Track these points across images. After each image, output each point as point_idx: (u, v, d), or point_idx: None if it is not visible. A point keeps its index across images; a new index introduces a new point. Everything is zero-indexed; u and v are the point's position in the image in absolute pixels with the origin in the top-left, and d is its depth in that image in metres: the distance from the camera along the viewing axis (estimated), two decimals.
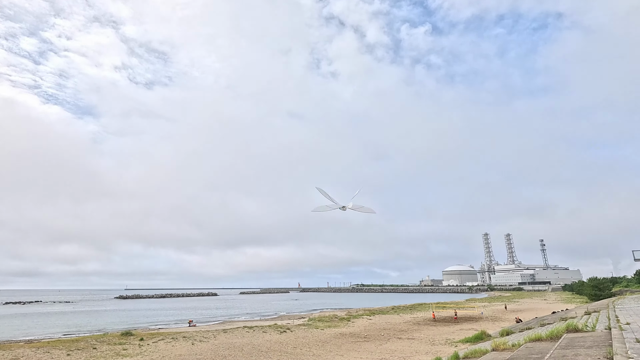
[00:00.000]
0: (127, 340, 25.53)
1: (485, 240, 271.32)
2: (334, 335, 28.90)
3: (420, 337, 28.05)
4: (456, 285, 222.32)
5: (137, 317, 60.83)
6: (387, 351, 21.69)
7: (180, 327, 41.23)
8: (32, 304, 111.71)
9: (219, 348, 22.63)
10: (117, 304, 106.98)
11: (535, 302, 78.76)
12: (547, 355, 8.14)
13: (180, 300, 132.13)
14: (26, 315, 65.96)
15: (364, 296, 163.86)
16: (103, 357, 20.07)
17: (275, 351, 21.82)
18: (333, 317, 43.61)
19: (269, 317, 54.12)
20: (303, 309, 75.14)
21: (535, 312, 49.76)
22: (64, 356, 20.11)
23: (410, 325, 36.54)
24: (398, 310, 55.25)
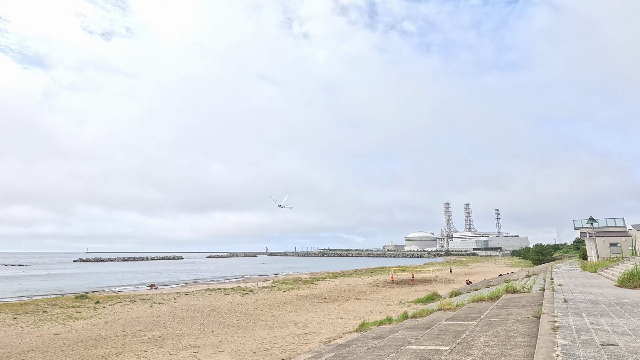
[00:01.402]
0: (82, 303, 24.83)
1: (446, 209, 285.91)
2: (296, 297, 29.72)
3: (377, 298, 29.50)
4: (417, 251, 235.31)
5: (97, 280, 59.30)
6: (345, 311, 22.63)
7: (141, 290, 40.72)
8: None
9: (178, 310, 22.57)
10: (76, 267, 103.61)
11: (486, 266, 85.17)
12: (483, 315, 8.63)
13: (144, 264, 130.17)
14: None
15: (329, 260, 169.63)
16: (53, 320, 19.40)
17: (235, 312, 22.11)
18: (297, 280, 44.79)
19: (233, 280, 54.72)
20: (269, 272, 76.62)
21: (484, 275, 53.81)
22: (9, 319, 19.22)
23: (369, 287, 38.30)
24: (360, 273, 57.71)
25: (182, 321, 19.10)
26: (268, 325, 18.19)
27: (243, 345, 13.36)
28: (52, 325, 17.94)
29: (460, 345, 5.62)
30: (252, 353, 12.01)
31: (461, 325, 7.96)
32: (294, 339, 14.30)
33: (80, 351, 13.15)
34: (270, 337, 15.00)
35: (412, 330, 9.62)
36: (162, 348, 13.48)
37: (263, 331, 16.62)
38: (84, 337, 15.36)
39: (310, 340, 13.64)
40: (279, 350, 12.21)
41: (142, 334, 15.95)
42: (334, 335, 14.19)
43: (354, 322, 17.73)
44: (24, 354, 12.74)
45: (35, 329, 17.13)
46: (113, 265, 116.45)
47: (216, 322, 19.06)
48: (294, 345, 12.92)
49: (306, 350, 11.85)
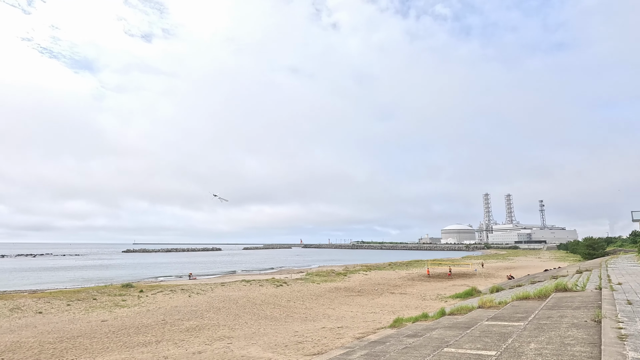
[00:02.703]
0: (127, 292, 26.24)
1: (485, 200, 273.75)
2: (329, 290, 29.63)
3: (413, 292, 28.70)
4: (454, 244, 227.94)
5: (142, 270, 62.97)
6: (378, 305, 22.17)
7: (180, 280, 42.57)
8: (43, 256, 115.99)
9: (214, 300, 23.22)
10: (124, 258, 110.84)
11: (529, 260, 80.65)
12: (531, 316, 7.88)
13: (185, 255, 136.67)
14: (35, 268, 68.47)
15: (363, 253, 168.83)
16: (101, 307, 20.63)
17: (269, 304, 22.35)
18: (330, 272, 44.77)
19: (268, 272, 55.82)
20: (302, 264, 77.46)
21: (528, 269, 50.89)
22: (63, 306, 20.67)
23: (404, 280, 37.43)
24: (394, 266, 56.70)
25: (218, 312, 19.57)
26: (301, 318, 18.17)
27: (275, 338, 13.37)
28: (100, 312, 19.05)
29: (507, 352, 5.05)
30: (284, 346, 11.95)
31: (506, 327, 7.30)
32: (327, 333, 14.11)
33: (123, 338, 13.79)
34: (303, 330, 14.92)
35: (450, 329, 9.03)
36: (198, 338, 13.81)
37: (296, 324, 16.60)
38: (127, 325, 16.13)
39: (342, 335, 13.38)
40: (311, 345, 12.06)
41: (181, 323, 16.49)
42: (367, 331, 13.84)
43: (388, 317, 17.26)
44: (74, 340, 13.55)
45: (85, 316, 18.27)
46: (157, 256, 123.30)
47: (250, 313, 19.35)
48: (326, 340, 12.72)
49: (338, 345, 11.60)
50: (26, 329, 15.32)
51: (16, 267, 69.85)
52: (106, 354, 11.60)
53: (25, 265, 75.23)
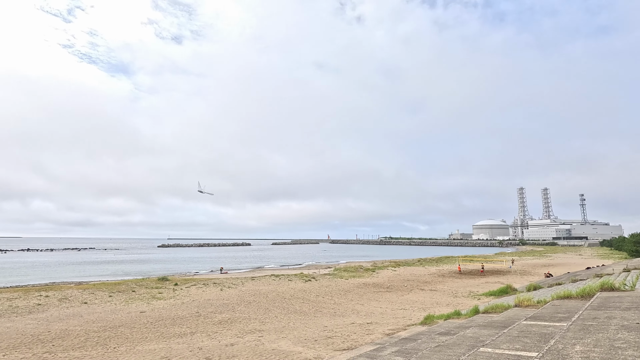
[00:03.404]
0: (163, 285, 27.42)
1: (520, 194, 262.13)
2: (357, 285, 29.53)
3: (443, 289, 28.04)
4: (486, 240, 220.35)
5: (176, 264, 65.59)
6: (408, 302, 21.83)
7: (212, 274, 43.95)
8: (86, 250, 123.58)
9: (245, 294, 23.78)
10: (160, 252, 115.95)
11: (568, 257, 76.54)
12: (575, 316, 7.44)
13: (216, 250, 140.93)
14: (79, 261, 73.07)
15: (391, 249, 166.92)
16: (140, 299, 21.68)
17: (298, 298, 22.59)
18: (358, 268, 44.62)
19: (296, 267, 56.44)
20: (330, 260, 77.69)
21: (567, 267, 48.31)
22: (106, 297, 21.92)
23: (434, 277, 36.64)
24: (424, 262, 55.63)
25: (249, 305, 20.02)
26: (330, 313, 18.23)
27: (305, 332, 13.48)
28: (139, 304, 20.02)
29: (550, 354, 4.78)
30: (313, 341, 12.02)
31: (546, 327, 6.93)
32: (356, 328, 14.07)
33: (160, 329, 14.41)
34: (332, 325, 14.95)
35: (485, 328, 8.71)
36: (230, 330, 14.19)
37: (325, 319, 16.67)
38: (164, 316, 16.84)
39: (372, 331, 13.29)
40: (341, 340, 12.05)
41: (213, 316, 17.02)
42: (397, 327, 13.65)
43: (418, 314, 16.95)
44: (116, 329, 14.33)
45: (125, 307, 19.27)
46: (190, 251, 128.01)
47: (280, 307, 19.64)
48: (355, 335, 12.68)
49: (368, 341, 11.52)
50: (73, 318, 16.37)
51: (63, 260, 74.87)
52: (145, 343, 12.16)
53: (71, 258, 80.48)
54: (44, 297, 21.27)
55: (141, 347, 11.66)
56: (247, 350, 10.99)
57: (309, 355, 10.19)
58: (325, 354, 10.24)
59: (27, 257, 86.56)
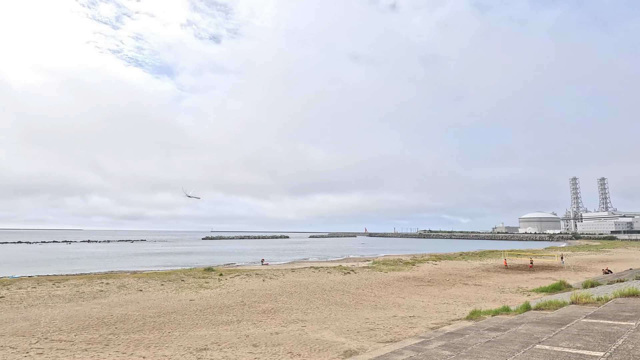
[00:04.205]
0: (209, 275, 28.82)
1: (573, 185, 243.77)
2: (397, 279, 29.19)
3: (489, 284, 26.93)
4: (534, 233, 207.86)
5: (219, 255, 68.60)
6: (451, 296, 21.24)
7: (254, 265, 45.45)
8: (138, 242, 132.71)
9: (286, 285, 24.37)
10: (204, 244, 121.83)
11: (630, 252, 70.22)
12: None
13: (256, 242, 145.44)
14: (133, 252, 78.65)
15: (431, 242, 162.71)
16: (188, 287, 22.96)
17: (338, 290, 22.78)
18: (397, 261, 44.03)
19: (334, 259, 56.81)
20: (368, 253, 77.31)
21: (629, 263, 44.37)
22: (158, 285, 23.46)
23: (478, 271, 35.29)
24: (466, 256, 53.70)
25: (290, 296, 20.51)
26: (370, 306, 18.21)
27: (347, 324, 13.59)
28: (188, 293, 21.22)
29: (618, 353, 4.45)
30: (356, 332, 12.09)
31: (611, 327, 6.45)
32: (398, 321, 13.95)
33: (209, 316, 15.20)
34: (374, 317, 14.94)
35: (539, 325, 8.26)
36: (274, 320, 14.64)
37: (366, 311, 16.69)
38: (211, 304, 17.73)
39: (415, 325, 13.11)
40: (383, 332, 12.02)
41: (257, 305, 17.64)
42: (441, 322, 13.36)
43: (462, 309, 16.45)
44: (169, 315, 15.32)
45: (176, 295, 20.50)
46: (232, 243, 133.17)
47: (321, 299, 19.92)
48: (398, 328, 12.58)
49: (412, 334, 11.39)
50: (131, 304, 17.72)
51: (119, 251, 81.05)
52: (196, 329, 12.90)
53: (125, 250, 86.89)
54: (105, 285, 23.20)
55: (193, 333, 12.39)
56: (292, 339, 11.30)
57: (352, 346, 10.28)
58: (369, 345, 10.28)
59: (88, 248, 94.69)
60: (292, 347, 10.39)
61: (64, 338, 11.70)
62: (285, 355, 9.59)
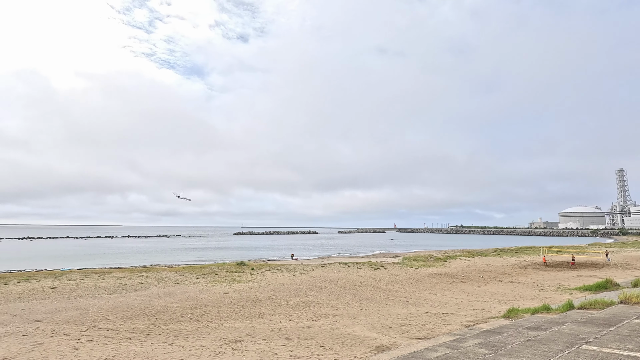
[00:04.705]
0: (241, 269, 29.61)
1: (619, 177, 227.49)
2: (428, 275, 28.64)
3: (526, 281, 25.82)
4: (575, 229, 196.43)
5: (251, 250, 70.24)
6: (486, 293, 20.56)
7: (284, 260, 46.17)
8: (174, 237, 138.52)
9: (316, 280, 24.59)
10: (235, 240, 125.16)
11: None
12: None
13: (286, 237, 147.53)
14: (169, 247, 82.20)
15: (463, 238, 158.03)
16: (222, 281, 23.72)
17: (368, 286, 22.69)
18: (428, 257, 43.17)
19: (364, 255, 56.56)
20: (398, 249, 76.33)
21: None
22: (194, 279, 24.40)
23: (514, 268, 33.90)
24: (501, 252, 51.71)
25: (321, 291, 20.67)
26: (402, 302, 18.00)
27: (378, 319, 13.53)
28: (222, 286, 21.92)
29: None
30: (387, 328, 12.02)
31: None
32: (431, 318, 13.71)
33: (243, 309, 15.64)
34: (405, 313, 14.77)
35: (585, 325, 7.84)
36: (305, 313, 14.83)
37: (397, 307, 16.52)
38: (244, 298, 18.23)
39: (448, 322, 12.83)
40: (416, 328, 11.87)
41: (288, 299, 17.93)
42: (476, 319, 12.99)
43: (499, 307, 15.90)
44: (205, 307, 15.91)
45: (211, 288, 21.24)
46: (262, 238, 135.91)
47: (351, 294, 19.93)
48: (431, 325, 12.37)
49: (445, 331, 11.16)
50: (169, 296, 18.56)
51: (156, 246, 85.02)
52: (231, 322, 13.32)
53: (162, 245, 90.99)
54: (144, 277, 24.43)
55: (228, 325, 12.81)
56: (324, 333, 11.41)
57: (384, 341, 10.24)
58: (401, 341, 10.19)
59: (128, 242, 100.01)
60: (324, 341, 10.49)
61: (110, 327, 12.47)
62: (318, 348, 9.70)
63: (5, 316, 13.92)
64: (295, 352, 9.43)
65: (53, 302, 16.91)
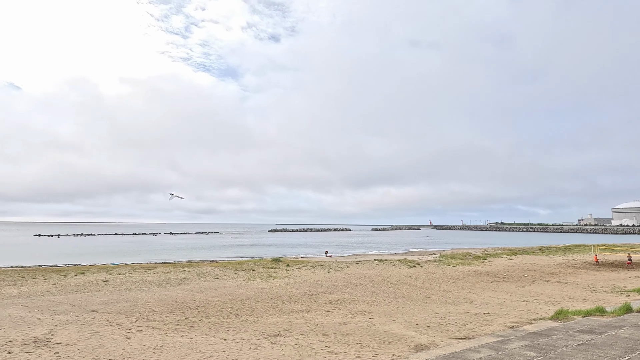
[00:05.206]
0: (277, 266, 30.21)
1: None
2: (467, 273, 27.68)
3: (576, 281, 24.22)
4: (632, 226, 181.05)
5: (285, 247, 71.47)
6: (531, 294, 19.54)
7: (318, 257, 46.52)
8: (213, 234, 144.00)
9: (351, 277, 24.57)
10: (270, 236, 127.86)
11: None
12: None
13: (319, 235, 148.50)
14: (208, 244, 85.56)
15: (503, 235, 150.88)
16: (259, 277, 24.36)
17: (404, 284, 22.33)
18: (467, 255, 41.70)
19: (398, 253, 55.68)
20: (434, 246, 74.38)
21: None
22: (232, 274, 25.24)
23: (562, 268, 31.91)
24: (547, 251, 48.82)
25: (356, 288, 20.63)
26: (440, 300, 17.55)
27: (415, 318, 13.29)
28: (259, 281, 22.50)
29: None
30: (425, 327, 11.78)
31: None
32: (471, 317, 13.26)
33: (280, 304, 15.98)
34: (444, 312, 14.39)
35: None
36: (341, 310, 14.88)
37: (435, 306, 16.14)
38: (281, 293, 18.60)
39: (491, 322, 12.35)
40: (455, 328, 11.54)
41: (324, 296, 18.07)
42: (520, 320, 12.40)
43: (545, 308, 15.06)
44: (244, 302, 16.43)
45: (248, 283, 21.88)
46: (296, 235, 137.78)
47: (386, 291, 19.73)
48: (471, 325, 11.97)
49: (487, 332, 10.76)
50: (210, 290, 19.34)
51: (196, 242, 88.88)
52: (269, 316, 13.66)
53: (202, 241, 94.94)
54: (186, 272, 25.61)
55: (266, 319, 13.14)
56: (360, 330, 11.39)
57: (422, 340, 10.05)
58: (440, 340, 9.95)
59: (171, 239, 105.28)
60: (361, 337, 10.48)
61: (157, 318, 13.23)
62: (355, 345, 9.71)
63: (66, 306, 15.18)
64: (332, 348, 9.50)
65: (106, 294, 18.19)
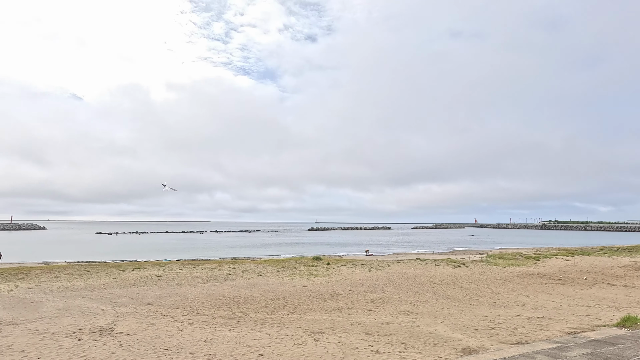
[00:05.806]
0: (318, 264, 30.49)
1: None
2: (518, 274, 26.14)
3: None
4: None
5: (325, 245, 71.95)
6: (592, 298, 18.03)
7: (359, 256, 46.32)
8: (255, 232, 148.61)
9: (392, 276, 24.19)
10: (310, 235, 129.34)
11: None
12: None
13: (359, 233, 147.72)
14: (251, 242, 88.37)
15: (558, 234, 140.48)
16: (300, 274, 24.75)
17: (449, 284, 21.58)
18: (517, 255, 39.33)
19: (442, 252, 53.88)
20: (480, 245, 71.07)
21: None
22: (274, 271, 25.88)
23: (628, 270, 29.08)
24: (610, 251, 44.69)
25: (398, 287, 20.28)
26: (488, 302, 16.75)
27: (462, 320, 12.81)
28: (300, 279, 22.86)
29: None
30: (473, 329, 11.31)
31: None
32: (523, 321, 12.52)
33: (321, 302, 16.13)
34: (493, 315, 13.72)
35: None
36: (383, 310, 14.71)
37: (483, 308, 15.43)
38: (322, 291, 18.77)
39: (545, 327, 11.58)
40: (506, 332, 10.96)
41: (365, 295, 17.97)
42: (580, 326, 11.50)
43: (609, 314, 13.83)
44: (286, 299, 16.79)
45: (290, 280, 22.31)
46: (335, 234, 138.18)
47: (430, 292, 19.19)
48: (524, 329, 11.31)
49: (542, 337, 10.10)
50: (254, 287, 19.99)
51: (240, 240, 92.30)
52: (311, 314, 13.85)
53: (245, 239, 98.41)
54: (231, 269, 26.65)
55: (308, 317, 13.34)
56: (404, 330, 11.20)
57: (470, 343, 9.67)
58: (490, 344, 9.51)
59: (216, 237, 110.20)
60: (404, 338, 10.30)
61: (206, 312, 13.93)
62: (399, 345, 9.56)
63: (125, 299, 16.45)
64: (375, 347, 9.44)
65: (159, 288, 19.45)
